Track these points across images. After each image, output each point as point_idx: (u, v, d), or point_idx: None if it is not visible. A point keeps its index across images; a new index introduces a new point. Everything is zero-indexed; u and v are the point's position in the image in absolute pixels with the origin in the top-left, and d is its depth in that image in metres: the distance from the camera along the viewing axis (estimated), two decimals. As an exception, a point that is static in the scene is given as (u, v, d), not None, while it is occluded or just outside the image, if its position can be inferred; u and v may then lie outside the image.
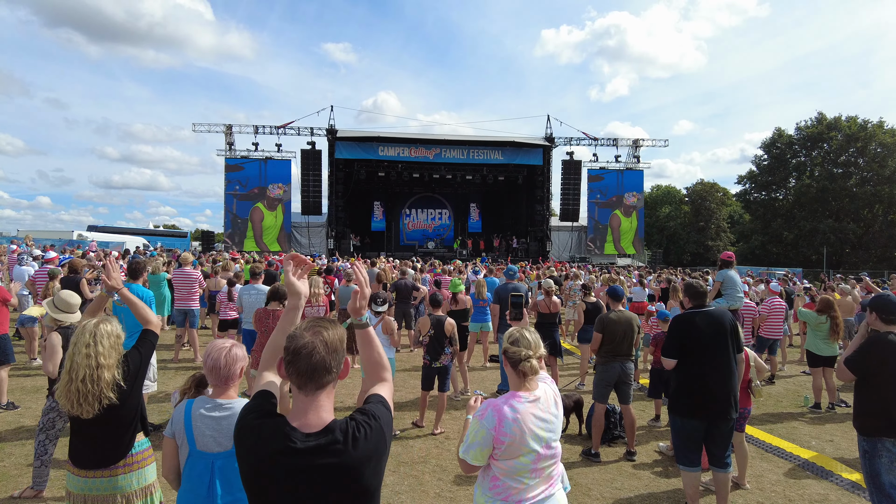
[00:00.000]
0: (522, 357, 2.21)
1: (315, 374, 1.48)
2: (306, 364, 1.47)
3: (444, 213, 35.04)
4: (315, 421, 1.48)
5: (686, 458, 3.91)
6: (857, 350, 3.47)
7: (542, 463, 2.18)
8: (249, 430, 1.49)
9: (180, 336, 8.94)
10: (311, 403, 1.50)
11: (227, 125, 29.47)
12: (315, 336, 1.49)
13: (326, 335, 1.51)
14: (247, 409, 1.57)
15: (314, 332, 1.50)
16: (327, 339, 1.50)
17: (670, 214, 54.88)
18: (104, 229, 38.90)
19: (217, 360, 2.32)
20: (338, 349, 1.53)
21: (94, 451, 2.52)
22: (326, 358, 1.48)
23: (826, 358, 7.14)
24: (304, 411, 1.49)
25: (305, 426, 1.47)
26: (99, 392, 2.39)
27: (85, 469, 2.51)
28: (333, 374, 1.52)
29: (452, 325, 5.96)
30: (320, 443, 1.43)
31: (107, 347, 2.44)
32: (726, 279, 6.87)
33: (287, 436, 1.43)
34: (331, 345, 1.50)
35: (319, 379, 1.49)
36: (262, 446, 1.44)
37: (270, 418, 1.50)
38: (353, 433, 1.46)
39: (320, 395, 1.51)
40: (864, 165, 39.92)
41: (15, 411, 5.97)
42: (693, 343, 3.93)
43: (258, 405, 1.56)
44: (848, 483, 4.78)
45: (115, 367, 2.47)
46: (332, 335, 1.52)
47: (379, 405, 1.60)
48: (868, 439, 3.32)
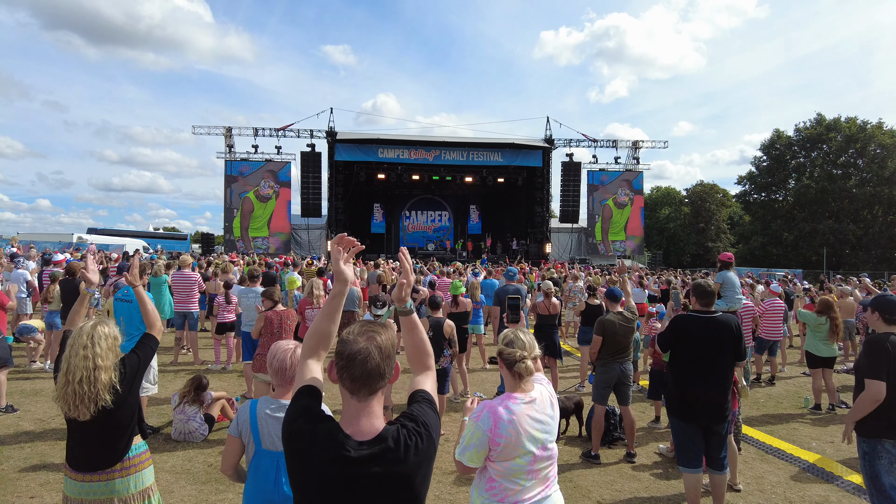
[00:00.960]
0: (517, 358, 2.21)
1: (370, 380, 1.48)
2: (361, 370, 1.46)
3: (443, 215, 35.03)
4: (368, 428, 1.48)
5: (686, 460, 3.91)
6: (863, 356, 3.45)
7: (538, 464, 2.18)
8: (301, 435, 1.46)
9: (179, 339, 8.94)
10: (364, 409, 1.50)
11: (227, 128, 29.50)
12: (370, 342, 1.49)
13: (380, 340, 1.50)
14: (296, 411, 1.52)
15: (368, 338, 1.49)
16: (381, 345, 1.50)
17: (670, 216, 54.90)
18: (104, 232, 38.87)
19: (283, 361, 2.36)
20: (391, 354, 1.53)
21: (92, 455, 2.50)
22: (381, 364, 1.49)
23: (826, 359, 7.13)
24: (357, 417, 1.49)
25: (358, 433, 1.46)
26: (95, 394, 2.38)
27: (82, 472, 2.49)
28: (386, 379, 1.52)
29: (451, 326, 5.95)
30: (374, 451, 1.43)
31: (104, 349, 2.43)
32: (725, 280, 6.87)
33: (341, 444, 1.42)
34: (385, 350, 1.50)
35: (373, 385, 1.49)
36: (315, 453, 1.43)
37: (323, 423, 1.48)
38: (405, 442, 1.46)
39: (372, 401, 1.51)
40: (864, 166, 39.94)
41: (14, 414, 5.96)
42: (685, 347, 3.92)
43: (307, 407, 1.52)
44: (849, 485, 4.77)
45: (112, 369, 2.46)
46: (386, 340, 1.52)
47: (427, 408, 1.61)
48: (868, 441, 3.30)
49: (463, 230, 33.85)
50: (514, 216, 33.29)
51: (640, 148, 32.58)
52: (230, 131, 29.55)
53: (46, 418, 5.85)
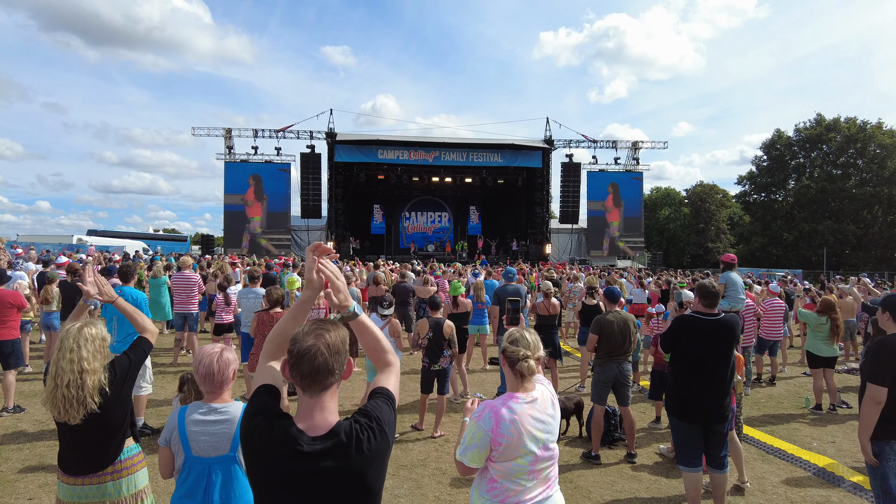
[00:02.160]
0: (520, 357, 2.19)
1: (318, 377, 1.51)
2: (309, 367, 1.49)
3: (443, 216, 35.03)
4: (321, 423, 1.52)
5: (686, 459, 3.90)
6: (866, 358, 3.42)
7: (539, 464, 2.17)
8: (258, 431, 1.50)
9: (179, 340, 8.93)
10: (317, 405, 1.53)
11: (227, 129, 29.51)
12: (317, 339, 1.52)
13: (328, 337, 1.53)
14: (253, 408, 1.57)
15: (316, 336, 1.52)
16: (329, 342, 1.52)
17: (670, 216, 54.89)
18: (104, 233, 38.83)
19: (210, 367, 2.30)
20: (340, 351, 1.55)
21: (82, 458, 2.47)
22: (329, 360, 1.51)
23: (826, 359, 7.12)
24: (310, 413, 1.53)
25: (312, 428, 1.50)
26: (84, 397, 2.35)
27: (73, 476, 2.46)
28: (336, 375, 1.55)
29: (451, 327, 5.94)
30: (326, 446, 1.47)
31: (91, 352, 2.39)
32: (728, 281, 6.88)
33: (295, 439, 1.46)
34: (333, 347, 1.53)
35: (323, 381, 1.52)
36: (270, 449, 1.47)
37: (279, 420, 1.51)
38: (357, 436, 1.49)
39: (324, 397, 1.54)
40: (864, 166, 39.94)
41: (14, 416, 5.96)
42: (686, 348, 3.92)
43: (265, 405, 1.56)
44: (850, 485, 4.76)
45: (100, 371, 2.42)
46: (334, 337, 1.55)
47: (382, 403, 1.63)
48: (876, 442, 3.28)
49: (463, 231, 33.85)
50: (513, 217, 33.29)
51: (639, 148, 32.60)
52: (230, 133, 29.56)
53: (45, 420, 5.83)
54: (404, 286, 9.87)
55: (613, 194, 32.14)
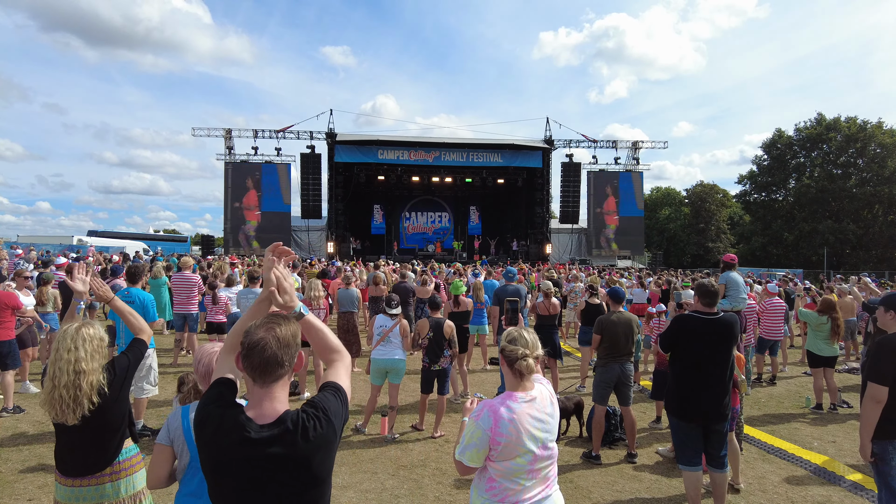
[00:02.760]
0: (519, 356, 2.19)
1: (268, 368, 1.57)
2: (259, 358, 1.56)
3: (443, 216, 35.03)
4: (269, 411, 1.57)
5: (686, 458, 3.90)
6: (870, 358, 3.41)
7: (538, 464, 2.16)
8: (210, 418, 1.57)
9: (179, 340, 8.92)
10: (266, 395, 1.60)
11: (227, 129, 29.53)
12: (268, 332, 1.58)
13: (279, 331, 1.59)
14: (208, 398, 1.63)
15: (267, 329, 1.59)
16: (279, 335, 1.58)
17: (670, 216, 54.90)
18: (104, 234, 38.86)
19: (209, 365, 2.29)
20: (290, 344, 1.61)
21: (80, 459, 2.46)
22: (278, 353, 1.57)
23: (827, 358, 7.11)
24: (260, 402, 1.59)
25: (260, 417, 1.56)
26: (81, 398, 2.34)
27: (71, 477, 2.45)
28: (286, 367, 1.60)
29: (451, 327, 5.93)
30: (273, 433, 1.52)
31: (89, 352, 2.38)
32: (729, 281, 6.88)
33: (244, 426, 1.52)
34: (283, 340, 1.59)
35: (272, 372, 1.58)
36: (221, 436, 1.53)
37: (230, 409, 1.57)
38: (303, 424, 1.55)
39: (274, 387, 1.60)
40: (864, 166, 39.92)
41: (13, 417, 5.96)
42: (686, 347, 3.91)
43: (219, 394, 1.63)
44: (850, 484, 4.75)
45: (98, 371, 2.41)
46: (285, 331, 1.60)
47: (330, 395, 1.68)
48: (879, 442, 3.28)
49: (463, 231, 33.86)
50: (514, 217, 33.30)
51: (639, 148, 32.61)
52: (230, 133, 29.58)
53: (45, 420, 5.82)
54: (404, 286, 9.86)
55: (613, 194, 32.14)
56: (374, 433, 5.78)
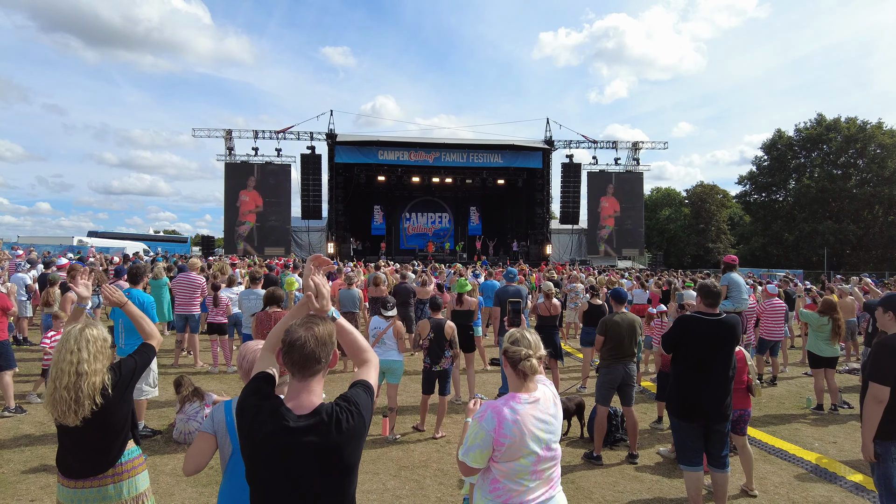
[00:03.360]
0: (522, 356, 2.19)
1: (307, 364, 1.73)
2: (299, 355, 1.72)
3: (443, 217, 35.04)
4: (306, 403, 1.73)
5: (687, 458, 3.90)
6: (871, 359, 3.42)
7: (542, 465, 2.16)
8: (250, 409, 1.72)
9: (180, 341, 8.92)
10: (304, 388, 1.75)
11: (227, 130, 29.55)
12: (307, 331, 1.74)
13: (317, 330, 1.76)
14: (249, 390, 1.79)
15: (306, 328, 1.75)
16: (317, 334, 1.75)
17: (670, 217, 54.90)
18: (104, 235, 38.86)
19: (253, 363, 2.33)
20: (326, 342, 1.77)
21: (83, 460, 2.44)
22: (316, 350, 1.73)
23: (828, 359, 7.11)
24: (297, 394, 1.75)
25: (298, 408, 1.72)
26: (83, 399, 2.33)
27: (73, 479, 2.44)
28: (323, 363, 1.77)
29: (452, 328, 5.93)
30: (310, 423, 1.68)
31: (92, 353, 2.37)
32: (731, 282, 6.88)
33: (283, 416, 1.67)
34: (320, 338, 1.75)
35: (311, 367, 1.74)
36: (260, 425, 1.68)
37: (269, 400, 1.73)
38: (336, 416, 1.70)
39: (311, 382, 1.76)
40: (864, 166, 39.95)
41: (15, 417, 5.96)
42: (688, 348, 3.91)
43: (259, 388, 1.78)
44: (852, 485, 4.76)
45: (102, 372, 2.40)
46: (322, 330, 1.77)
47: (360, 391, 1.84)
48: (881, 443, 3.28)
49: (463, 232, 33.87)
50: (514, 217, 33.31)
51: (640, 149, 32.62)
52: (230, 134, 29.59)
53: (47, 421, 5.82)
54: (405, 287, 9.87)
55: (614, 195, 32.15)
56: (375, 434, 5.78)
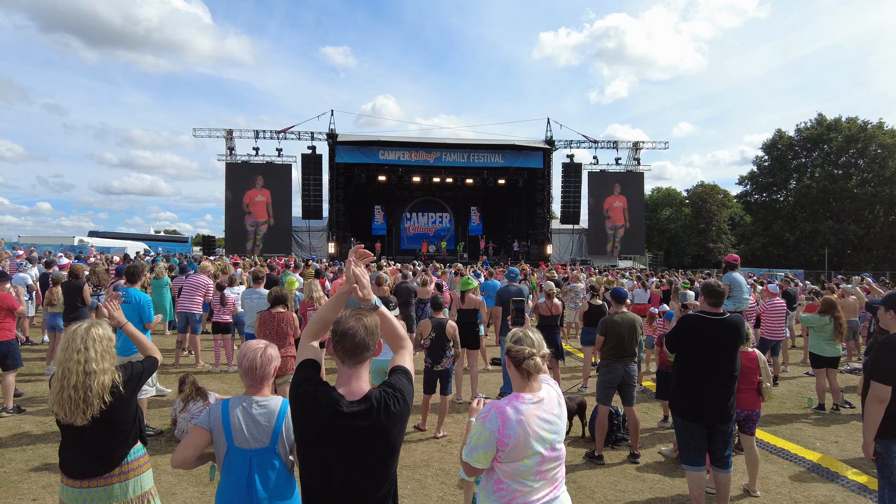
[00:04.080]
0: (526, 355, 2.18)
1: (357, 351, 1.88)
2: (351, 343, 1.86)
3: (444, 217, 35.06)
4: (357, 389, 1.87)
5: (689, 458, 3.89)
6: (874, 358, 3.42)
7: (546, 465, 2.16)
8: (306, 395, 1.85)
9: (181, 341, 8.93)
10: (354, 374, 1.90)
11: (228, 130, 29.55)
12: (357, 321, 1.89)
13: (366, 321, 1.90)
14: (301, 377, 1.91)
15: (356, 319, 1.90)
16: (366, 324, 1.89)
17: (671, 217, 54.88)
18: (105, 235, 38.89)
19: (253, 361, 2.35)
20: (374, 332, 1.92)
21: (90, 460, 2.43)
22: (366, 338, 1.88)
23: (830, 359, 7.10)
24: (349, 381, 1.89)
25: (350, 394, 1.86)
26: (92, 398, 2.33)
27: (79, 479, 2.42)
28: (371, 350, 1.91)
29: (454, 327, 5.93)
30: (362, 408, 1.82)
31: (99, 352, 2.37)
32: (732, 281, 6.88)
33: (336, 402, 1.82)
34: (369, 328, 1.90)
35: (360, 355, 1.89)
36: (317, 409, 1.82)
37: (323, 386, 1.86)
38: (384, 402, 1.84)
39: (360, 368, 1.91)
40: (865, 166, 39.93)
41: (17, 417, 5.96)
42: (691, 348, 3.91)
43: (310, 375, 1.91)
44: (854, 485, 4.75)
45: (109, 371, 2.40)
46: (370, 321, 1.92)
47: (403, 378, 1.97)
48: (882, 441, 3.29)
49: (464, 232, 33.87)
50: (515, 218, 33.32)
51: (640, 149, 32.58)
52: (231, 134, 29.59)
53: (48, 420, 5.83)
54: (406, 287, 9.86)
55: (614, 195, 32.14)
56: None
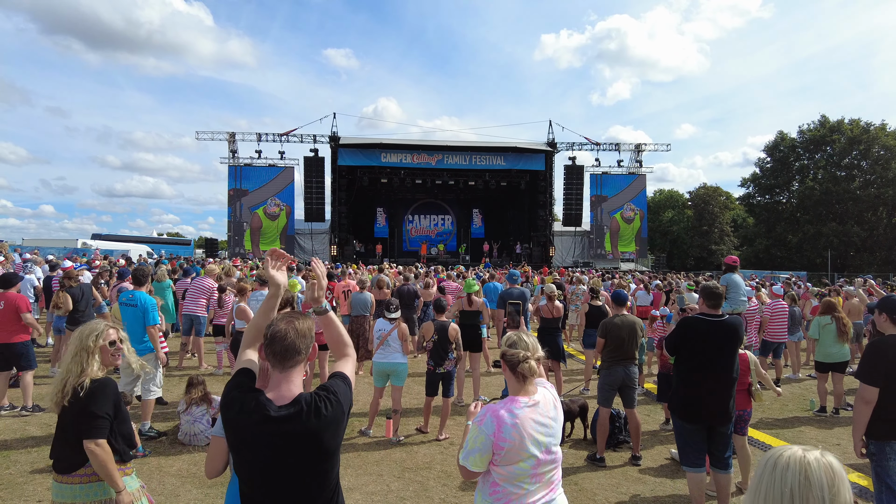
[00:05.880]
0: (521, 358, 2.21)
1: (287, 354, 1.82)
2: (280, 346, 1.81)
3: (446, 219, 35.10)
4: (286, 393, 1.82)
5: (689, 460, 3.91)
6: (865, 360, 3.45)
7: (542, 468, 2.18)
8: (234, 401, 1.81)
9: (185, 344, 8.97)
10: (284, 378, 1.84)
11: (231, 133, 29.67)
12: (288, 325, 1.84)
13: (297, 324, 1.86)
14: (231, 385, 1.88)
15: (287, 322, 1.85)
16: (298, 327, 1.85)
17: (673, 219, 54.79)
18: (108, 237, 39.00)
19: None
20: (306, 335, 1.87)
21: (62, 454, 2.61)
22: (296, 342, 1.83)
23: (835, 364, 7.07)
24: (278, 385, 1.84)
25: (279, 398, 1.80)
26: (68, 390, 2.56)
27: (62, 474, 2.57)
28: (303, 355, 1.86)
29: (456, 330, 5.95)
30: (290, 412, 1.76)
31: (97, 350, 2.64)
32: (730, 283, 6.89)
33: (264, 406, 1.76)
34: (300, 331, 1.85)
35: (291, 358, 1.83)
36: (245, 415, 1.76)
37: (251, 393, 1.82)
38: (315, 404, 1.79)
39: (292, 373, 1.85)
40: (868, 168, 39.82)
41: (22, 419, 6.00)
42: (692, 349, 3.93)
43: (241, 382, 1.87)
44: (856, 488, 4.75)
45: (96, 374, 2.60)
46: (302, 324, 1.87)
47: (339, 381, 1.93)
48: (876, 443, 3.31)
49: (466, 234, 33.90)
50: (517, 220, 33.32)
51: (642, 151, 32.60)
52: (233, 136, 29.70)
53: (52, 422, 5.84)
54: (408, 289, 9.89)
55: (616, 197, 32.15)
56: (378, 436, 5.81)
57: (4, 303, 6.09)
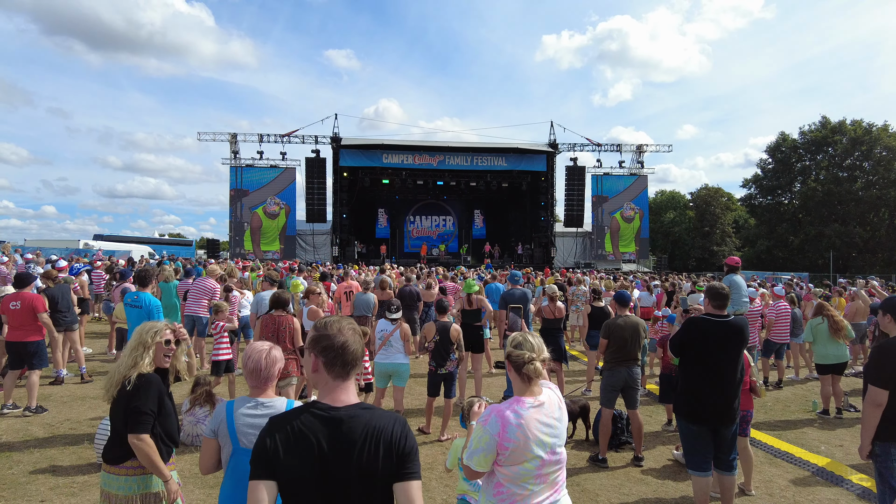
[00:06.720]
0: (526, 360, 2.20)
1: (357, 362, 1.71)
2: (352, 356, 1.68)
3: (448, 220, 35.11)
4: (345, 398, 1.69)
5: (696, 464, 3.87)
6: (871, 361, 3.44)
7: (546, 469, 2.17)
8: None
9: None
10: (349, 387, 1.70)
11: (232, 134, 29.71)
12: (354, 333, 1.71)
13: (357, 329, 1.75)
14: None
15: (353, 331, 1.72)
16: (357, 331, 1.74)
17: (675, 220, 54.75)
18: (110, 238, 39.02)
19: (258, 362, 2.39)
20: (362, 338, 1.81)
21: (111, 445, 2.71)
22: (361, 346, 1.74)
23: (834, 366, 7.07)
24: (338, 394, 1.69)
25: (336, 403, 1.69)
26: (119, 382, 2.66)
27: (108, 463, 2.66)
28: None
29: (458, 331, 5.95)
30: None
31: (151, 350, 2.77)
32: (732, 284, 6.87)
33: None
34: (359, 332, 1.76)
35: (358, 365, 1.73)
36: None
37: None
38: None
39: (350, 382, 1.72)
40: (870, 169, 39.78)
41: (25, 419, 6.01)
42: (697, 349, 3.91)
43: None
44: (859, 489, 4.74)
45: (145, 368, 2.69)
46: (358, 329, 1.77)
47: None
48: (881, 444, 3.30)
49: (467, 235, 33.91)
50: (518, 221, 33.34)
51: (644, 152, 32.59)
52: (235, 138, 29.74)
53: (55, 423, 5.88)
54: (409, 290, 9.89)
55: (618, 198, 32.14)
56: (380, 436, 5.80)
57: (21, 302, 6.14)
